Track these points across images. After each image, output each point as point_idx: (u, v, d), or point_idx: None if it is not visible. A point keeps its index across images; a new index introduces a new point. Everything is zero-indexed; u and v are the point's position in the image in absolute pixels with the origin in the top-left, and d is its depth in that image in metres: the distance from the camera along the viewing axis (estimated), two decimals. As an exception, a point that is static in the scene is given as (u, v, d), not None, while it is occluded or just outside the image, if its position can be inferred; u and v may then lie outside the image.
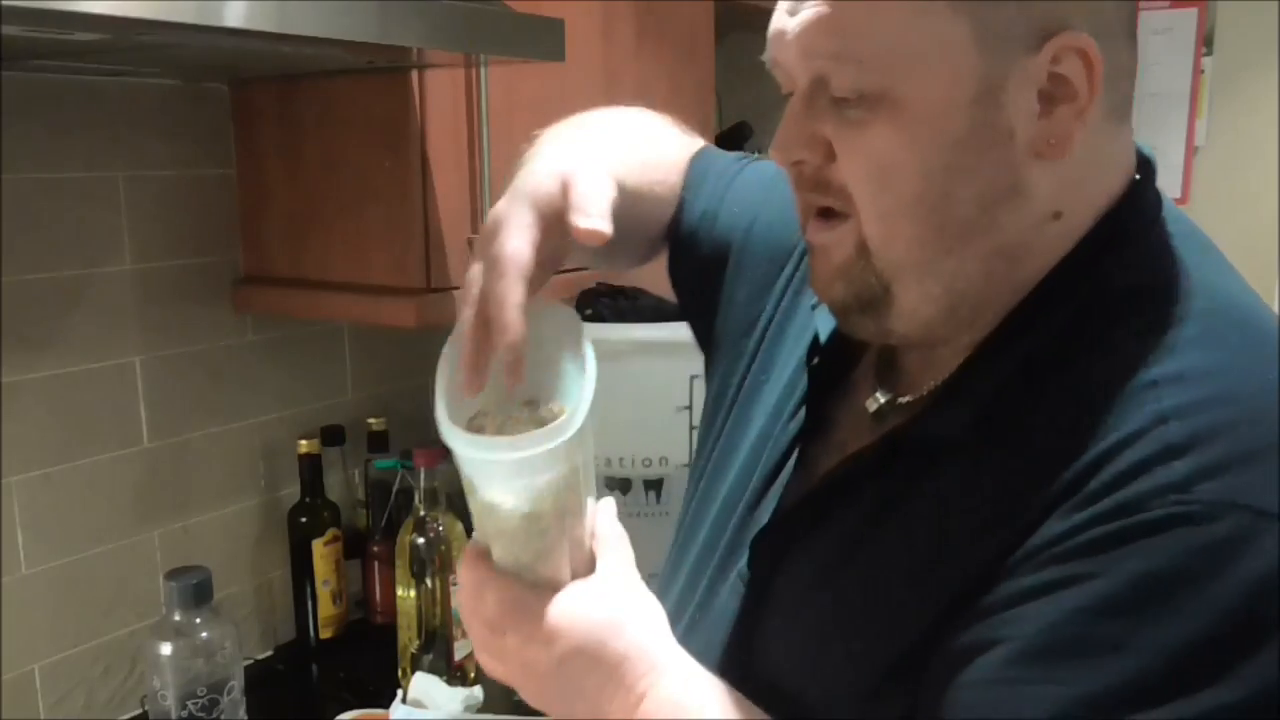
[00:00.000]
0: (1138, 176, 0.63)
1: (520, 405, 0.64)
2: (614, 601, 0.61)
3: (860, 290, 0.60)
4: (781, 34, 0.59)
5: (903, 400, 0.66)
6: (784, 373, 0.76)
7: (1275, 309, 0.63)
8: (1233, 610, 0.48)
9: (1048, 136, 0.56)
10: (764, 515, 0.70)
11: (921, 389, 0.65)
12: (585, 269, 1.49)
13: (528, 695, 0.63)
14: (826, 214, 0.61)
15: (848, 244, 0.60)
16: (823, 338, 0.72)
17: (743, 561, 0.70)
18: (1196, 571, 0.48)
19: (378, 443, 1.58)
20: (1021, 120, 0.56)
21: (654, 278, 0.91)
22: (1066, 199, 0.58)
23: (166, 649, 1.06)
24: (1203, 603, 0.48)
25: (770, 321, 0.79)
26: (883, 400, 0.67)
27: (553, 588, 0.61)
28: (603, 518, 0.66)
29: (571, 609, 0.60)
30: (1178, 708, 0.47)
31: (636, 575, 0.64)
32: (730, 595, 0.70)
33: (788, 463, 0.71)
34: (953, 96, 0.55)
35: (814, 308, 0.75)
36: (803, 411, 0.72)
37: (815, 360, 0.72)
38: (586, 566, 0.63)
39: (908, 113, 0.56)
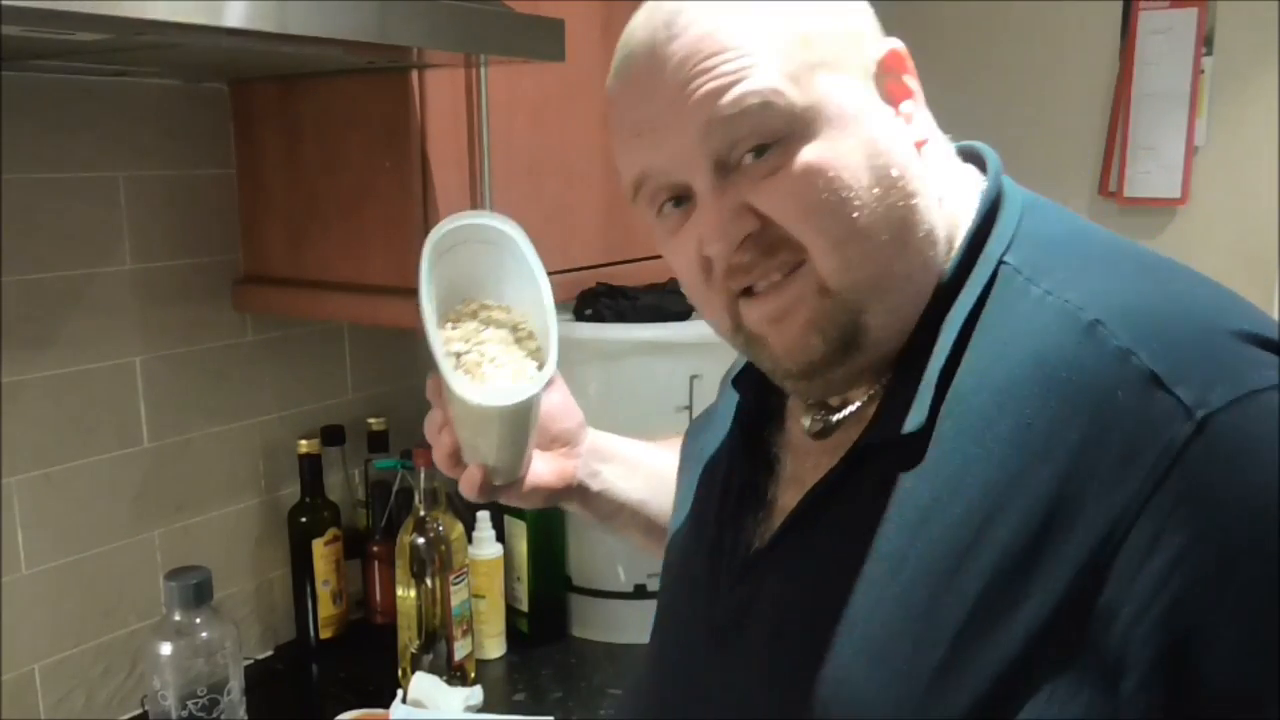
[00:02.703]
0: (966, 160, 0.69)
1: (470, 307, 0.83)
2: None
3: (836, 333, 0.62)
4: (653, 143, 0.62)
5: (841, 415, 0.68)
6: (719, 442, 0.79)
7: (1275, 309, 0.64)
8: None
9: (910, 131, 0.63)
10: (727, 570, 0.70)
11: (855, 399, 0.67)
12: (585, 268, 1.50)
13: None
14: (776, 280, 0.62)
15: (809, 292, 0.61)
16: (740, 395, 0.77)
17: (714, 616, 0.69)
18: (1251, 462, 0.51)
19: (378, 443, 1.58)
20: (892, 125, 0.63)
21: None
22: (942, 183, 0.64)
23: (166, 649, 1.06)
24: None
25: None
26: (821, 421, 0.69)
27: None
28: None
29: None
30: None
31: None
32: (705, 649, 0.70)
33: (745, 514, 0.72)
34: (849, 112, 0.61)
35: (733, 381, 0.79)
36: (738, 469, 0.74)
37: (743, 412, 0.76)
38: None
39: (829, 125, 0.60)
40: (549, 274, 0.85)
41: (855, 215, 0.60)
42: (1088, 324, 0.56)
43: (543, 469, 0.87)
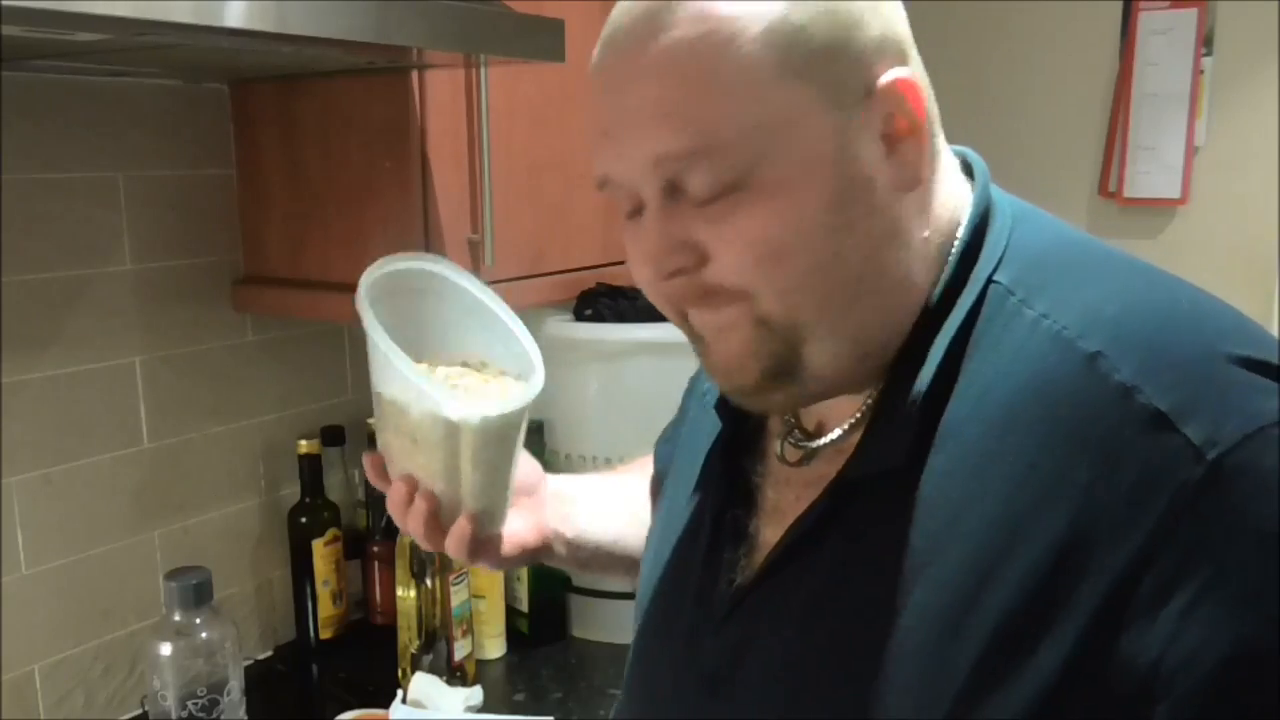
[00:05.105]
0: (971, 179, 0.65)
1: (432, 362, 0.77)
2: None
3: (771, 362, 0.60)
4: (615, 150, 0.58)
5: (821, 442, 0.65)
6: (693, 469, 0.75)
7: (1275, 309, 0.64)
8: None
9: (900, 173, 0.58)
10: (714, 608, 0.67)
11: (837, 425, 0.64)
12: (585, 268, 1.50)
13: None
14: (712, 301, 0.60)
15: (744, 323, 0.59)
16: (719, 421, 0.73)
17: (702, 659, 0.67)
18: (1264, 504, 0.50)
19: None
20: (876, 166, 0.57)
21: None
22: (929, 221, 0.60)
23: (166, 649, 1.06)
24: None
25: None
26: (801, 447, 0.66)
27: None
28: None
29: None
30: None
31: None
32: (696, 695, 0.67)
33: (724, 548, 0.69)
34: (815, 160, 0.56)
35: (704, 395, 0.76)
36: (712, 499, 0.71)
37: (722, 438, 0.72)
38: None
39: (777, 188, 0.56)
40: (548, 274, 0.84)
41: (804, 270, 0.57)
42: (1088, 356, 0.54)
43: (519, 526, 0.82)
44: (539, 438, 1.54)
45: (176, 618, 1.07)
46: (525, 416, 0.75)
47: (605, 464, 1.52)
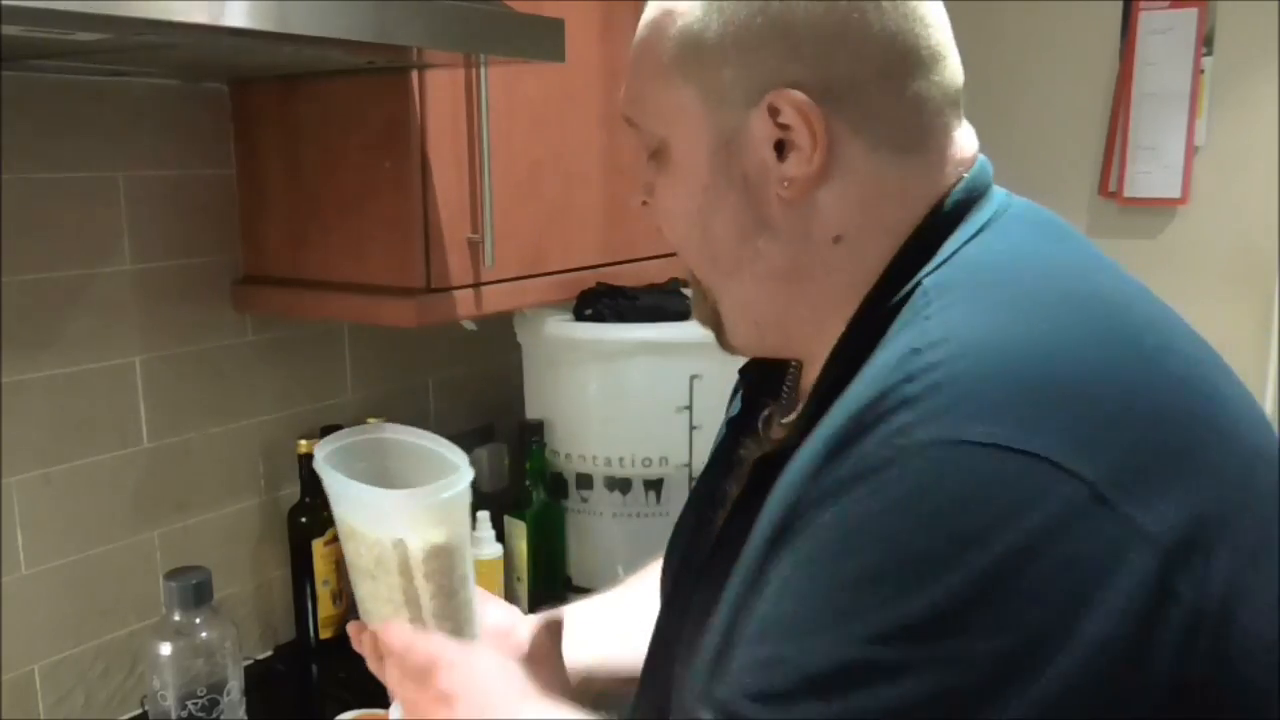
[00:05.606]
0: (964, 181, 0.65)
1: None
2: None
3: (707, 312, 0.71)
4: None
5: (785, 421, 0.71)
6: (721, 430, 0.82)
7: (1275, 309, 0.63)
8: (933, 530, 0.49)
9: (783, 180, 0.63)
10: (689, 575, 0.73)
11: (797, 409, 0.68)
12: (585, 268, 1.50)
13: None
14: None
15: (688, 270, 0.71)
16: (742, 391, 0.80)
17: (683, 625, 0.71)
18: (897, 504, 0.50)
19: (378, 443, 1.58)
20: (757, 167, 0.63)
21: None
22: (845, 224, 0.63)
23: (166, 649, 1.06)
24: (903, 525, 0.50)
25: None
26: (783, 425, 0.71)
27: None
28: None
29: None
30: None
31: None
32: (664, 653, 0.72)
33: (712, 507, 0.74)
34: (695, 150, 0.65)
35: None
36: (709, 473, 0.78)
37: (739, 409, 0.79)
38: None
39: (671, 166, 0.67)
40: (548, 274, 0.85)
41: (686, 237, 0.68)
42: (909, 351, 0.54)
43: None
44: (539, 438, 1.54)
45: (176, 618, 1.07)
46: (466, 515, 0.80)
47: (605, 464, 1.52)
